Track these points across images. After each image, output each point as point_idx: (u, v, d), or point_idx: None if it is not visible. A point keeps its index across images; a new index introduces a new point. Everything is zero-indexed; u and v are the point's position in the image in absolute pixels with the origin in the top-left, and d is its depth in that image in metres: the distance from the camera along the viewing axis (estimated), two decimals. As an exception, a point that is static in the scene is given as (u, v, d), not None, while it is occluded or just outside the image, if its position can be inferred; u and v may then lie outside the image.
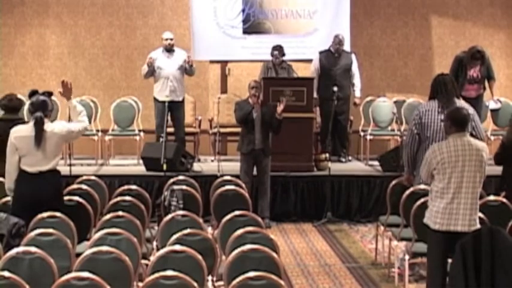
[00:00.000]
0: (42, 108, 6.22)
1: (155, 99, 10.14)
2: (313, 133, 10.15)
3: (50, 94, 6.43)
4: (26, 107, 7.58)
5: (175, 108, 9.98)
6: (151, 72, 10.09)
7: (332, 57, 10.46)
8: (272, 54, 10.40)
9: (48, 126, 6.20)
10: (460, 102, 6.91)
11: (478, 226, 5.53)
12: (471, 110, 6.79)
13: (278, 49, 10.38)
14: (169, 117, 9.91)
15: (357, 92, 10.59)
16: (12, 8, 11.93)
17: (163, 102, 9.75)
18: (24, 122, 6.93)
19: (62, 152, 10.25)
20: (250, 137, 8.83)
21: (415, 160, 6.93)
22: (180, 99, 10.11)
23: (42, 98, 6.28)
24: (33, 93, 6.38)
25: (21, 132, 6.23)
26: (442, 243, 5.58)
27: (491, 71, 10.13)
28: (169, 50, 10.10)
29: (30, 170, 6.19)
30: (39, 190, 6.15)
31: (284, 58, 10.43)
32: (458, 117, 5.63)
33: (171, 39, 10.12)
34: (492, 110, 10.61)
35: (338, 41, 10.43)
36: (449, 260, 5.51)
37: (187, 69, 10.06)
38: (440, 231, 5.55)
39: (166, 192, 7.48)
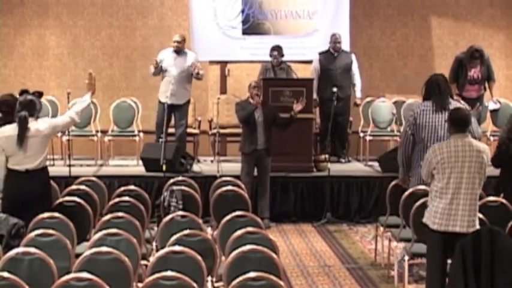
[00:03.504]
0: (29, 107, 6.24)
1: (158, 99, 10.12)
2: (313, 134, 10.15)
3: (40, 94, 6.44)
4: None
5: (175, 110, 9.97)
6: (159, 72, 10.03)
7: (331, 58, 10.47)
8: (271, 55, 10.38)
9: (33, 124, 6.23)
10: (455, 102, 6.91)
11: (477, 227, 5.54)
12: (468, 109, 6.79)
13: (277, 50, 10.34)
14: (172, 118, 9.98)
15: (358, 93, 10.59)
16: (12, 8, 11.92)
17: (164, 103, 9.76)
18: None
19: (61, 152, 10.52)
20: (252, 137, 8.81)
21: (410, 161, 6.93)
22: (181, 102, 10.01)
23: (29, 97, 6.30)
24: (22, 92, 6.40)
25: (6, 132, 6.26)
26: (440, 244, 5.58)
27: (491, 71, 10.14)
28: (177, 52, 9.99)
29: (18, 168, 6.23)
30: (27, 188, 6.20)
31: (283, 59, 10.40)
32: (458, 118, 5.65)
33: (178, 42, 9.97)
34: (491, 111, 10.62)
35: (335, 39, 10.44)
36: (449, 261, 5.52)
37: (193, 75, 10.00)
38: (439, 232, 5.56)
39: (165, 192, 7.47)
